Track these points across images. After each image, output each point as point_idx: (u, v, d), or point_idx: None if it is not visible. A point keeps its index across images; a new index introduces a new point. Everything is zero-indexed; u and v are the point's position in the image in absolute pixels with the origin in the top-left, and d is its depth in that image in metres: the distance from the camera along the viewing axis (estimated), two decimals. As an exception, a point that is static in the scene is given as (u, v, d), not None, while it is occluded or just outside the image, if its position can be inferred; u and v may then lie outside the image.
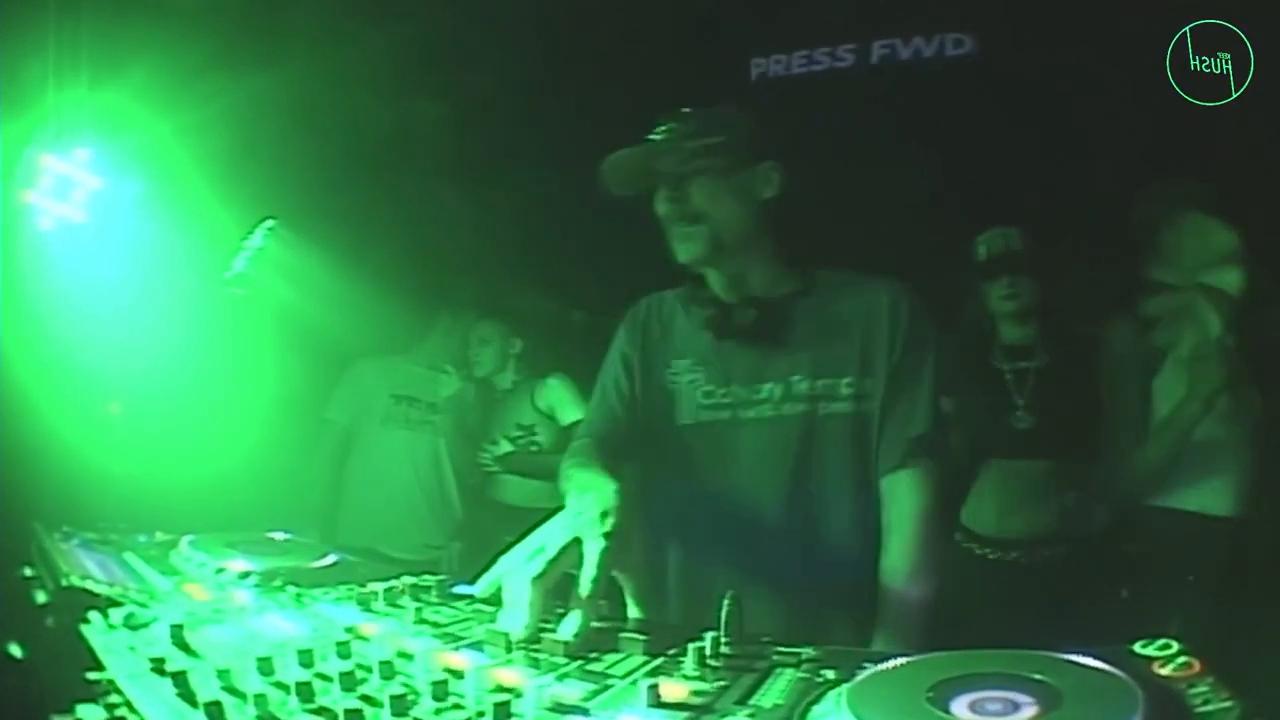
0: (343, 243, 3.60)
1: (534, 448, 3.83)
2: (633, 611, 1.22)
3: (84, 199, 3.18)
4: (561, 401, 3.83)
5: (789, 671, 0.93)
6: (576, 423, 3.74)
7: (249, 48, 3.31)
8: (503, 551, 1.18)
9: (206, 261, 3.73)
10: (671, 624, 1.29)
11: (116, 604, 1.10)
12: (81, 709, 0.86)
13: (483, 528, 3.82)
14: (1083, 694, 0.74)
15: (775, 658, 0.97)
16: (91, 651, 0.96)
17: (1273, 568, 2.51)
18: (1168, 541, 2.61)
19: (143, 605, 1.11)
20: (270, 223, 3.84)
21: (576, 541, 1.16)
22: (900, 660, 0.87)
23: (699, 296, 1.92)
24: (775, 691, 0.87)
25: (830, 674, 0.90)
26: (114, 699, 0.86)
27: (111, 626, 1.02)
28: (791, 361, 1.82)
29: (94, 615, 1.05)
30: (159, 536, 1.60)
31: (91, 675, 0.90)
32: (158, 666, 0.85)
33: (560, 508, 1.27)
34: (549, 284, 4.37)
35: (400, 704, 0.77)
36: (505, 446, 3.85)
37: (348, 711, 0.73)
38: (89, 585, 1.17)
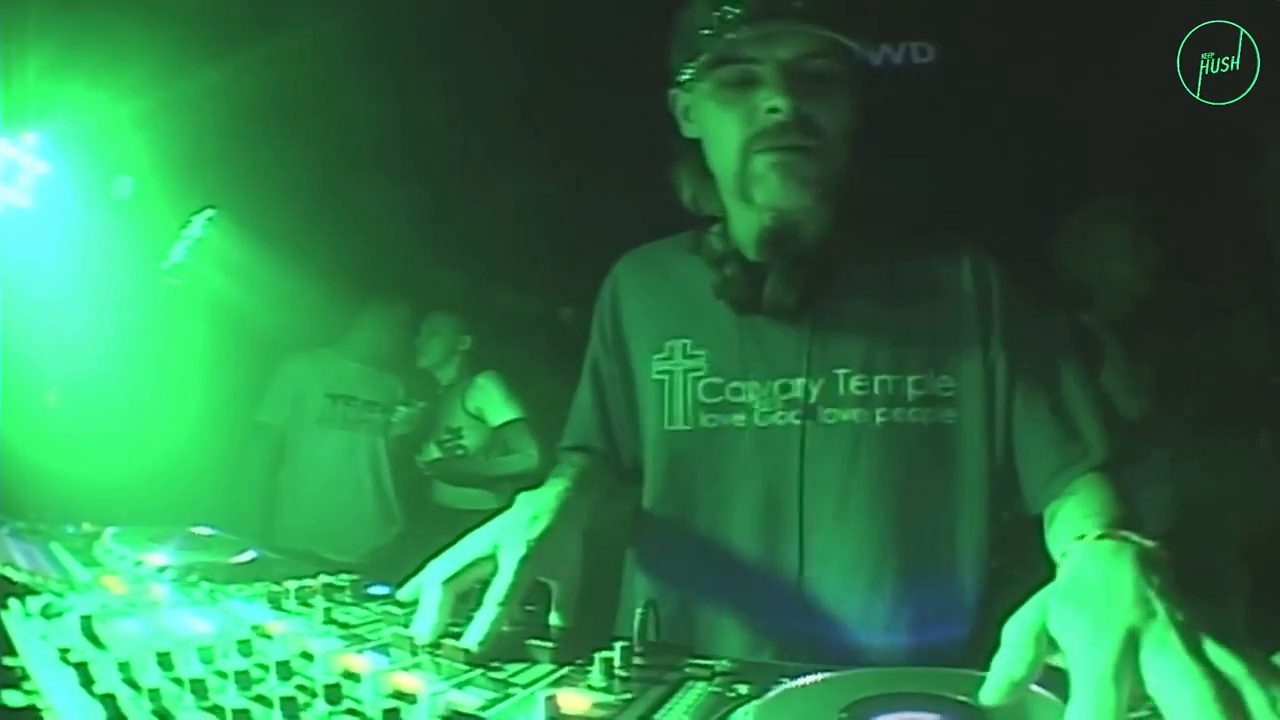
0: (287, 235, 3.58)
1: (459, 452, 3.82)
2: (554, 618, 1.14)
3: (30, 184, 3.16)
4: (489, 401, 3.79)
5: (700, 685, 0.89)
6: (505, 424, 3.72)
7: (202, 37, 3.30)
8: (435, 555, 1.16)
9: (149, 251, 3.70)
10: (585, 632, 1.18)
11: (34, 592, 1.12)
12: (6, 694, 0.89)
13: (423, 530, 3.81)
14: (1010, 717, 0.72)
15: (688, 670, 0.93)
16: (7, 638, 0.99)
17: (1201, 583, 2.59)
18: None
19: (59, 595, 1.13)
20: (210, 212, 3.80)
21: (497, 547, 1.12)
22: (816, 676, 0.83)
23: (713, 250, 1.38)
24: (682, 706, 0.84)
25: (743, 689, 0.86)
26: (29, 685, 0.88)
27: (28, 614, 1.04)
28: (839, 349, 1.32)
29: (13, 602, 1.07)
30: (86, 528, 1.61)
31: (8, 661, 0.92)
32: (64, 656, 0.86)
33: (498, 509, 1.22)
34: (520, 281, 4.36)
35: (291, 706, 0.75)
36: (434, 452, 3.85)
37: (235, 711, 0.73)
38: (8, 573, 1.19)
